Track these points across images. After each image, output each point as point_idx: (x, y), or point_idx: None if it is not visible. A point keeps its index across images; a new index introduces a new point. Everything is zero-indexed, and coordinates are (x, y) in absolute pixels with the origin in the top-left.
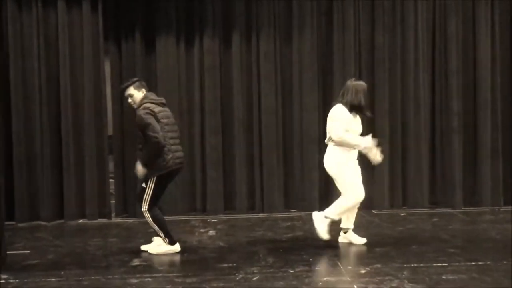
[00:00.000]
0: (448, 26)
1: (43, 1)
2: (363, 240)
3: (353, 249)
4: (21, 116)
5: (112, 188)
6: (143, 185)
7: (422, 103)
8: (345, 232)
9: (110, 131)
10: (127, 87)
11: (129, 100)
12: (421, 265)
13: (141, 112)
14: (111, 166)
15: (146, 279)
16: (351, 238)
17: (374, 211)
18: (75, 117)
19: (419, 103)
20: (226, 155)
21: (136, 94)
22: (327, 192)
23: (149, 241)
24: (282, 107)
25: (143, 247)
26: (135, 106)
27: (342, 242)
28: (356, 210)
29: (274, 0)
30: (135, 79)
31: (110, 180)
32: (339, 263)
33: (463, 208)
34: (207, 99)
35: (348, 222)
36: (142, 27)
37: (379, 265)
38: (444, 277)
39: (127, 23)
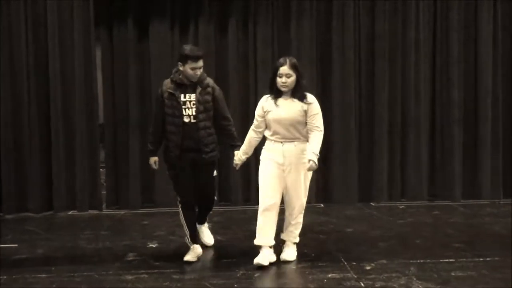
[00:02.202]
0: (450, 15)
1: None
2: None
3: (356, 244)
4: (9, 104)
5: (103, 178)
6: (214, 172)
7: (422, 94)
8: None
9: (101, 119)
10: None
11: (198, 72)
12: (428, 261)
13: (216, 87)
14: (102, 155)
15: (142, 275)
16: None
17: (372, 204)
18: (65, 104)
19: (419, 93)
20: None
21: None
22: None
23: (143, 234)
24: None
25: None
26: (195, 79)
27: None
28: (273, 218)
29: None
30: None
31: (101, 170)
32: (342, 259)
33: (462, 201)
34: None
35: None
36: (134, 12)
37: (384, 261)
38: (453, 274)
39: (119, 8)
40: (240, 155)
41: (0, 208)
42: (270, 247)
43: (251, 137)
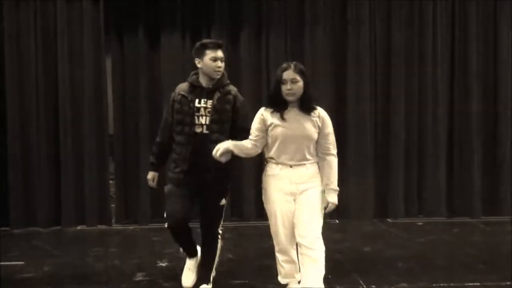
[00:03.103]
0: (468, 24)
1: None
2: None
3: (374, 264)
4: (17, 115)
5: (112, 191)
6: (222, 201)
7: (440, 105)
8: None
9: (110, 130)
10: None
11: (220, 64)
12: (452, 284)
13: (240, 97)
14: (111, 167)
15: None
16: None
17: (389, 220)
18: (74, 115)
19: (437, 106)
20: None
21: None
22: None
23: (153, 251)
24: None
25: None
26: (218, 75)
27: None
28: (293, 255)
29: None
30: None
31: (110, 182)
32: (361, 281)
33: (482, 217)
34: None
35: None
36: (145, 22)
37: (405, 284)
38: None
39: (130, 17)
40: (228, 147)
41: (8, 222)
42: (299, 282)
43: (247, 147)
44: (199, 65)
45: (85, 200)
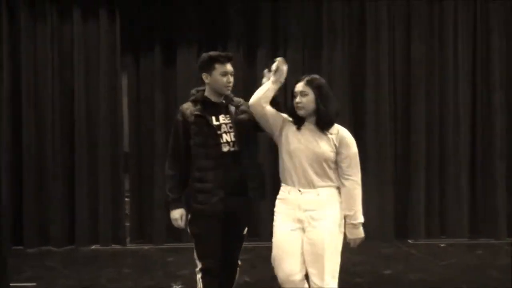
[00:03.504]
0: (490, 38)
1: (58, 11)
2: None
3: None
4: (32, 132)
5: (127, 209)
6: (245, 230)
7: (462, 122)
8: None
9: (125, 147)
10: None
11: (231, 78)
12: None
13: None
14: (126, 184)
15: None
16: None
17: (410, 241)
18: (90, 133)
19: (459, 122)
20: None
21: None
22: None
23: (167, 273)
24: None
25: None
26: (228, 91)
27: None
28: None
29: (303, 11)
30: None
31: (126, 199)
32: None
33: (507, 239)
34: None
35: None
36: (161, 39)
37: None
38: None
39: (146, 34)
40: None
41: (21, 241)
42: None
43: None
44: (206, 80)
45: (99, 219)
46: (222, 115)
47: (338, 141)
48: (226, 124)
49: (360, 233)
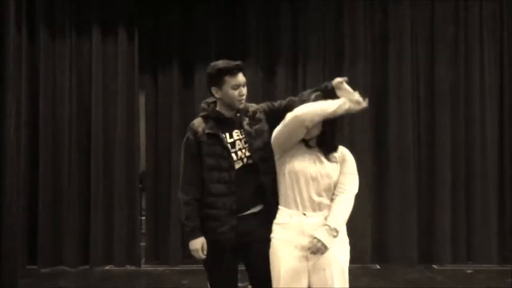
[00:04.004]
0: None
1: (77, 29)
2: None
3: None
4: (49, 151)
5: (143, 228)
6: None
7: (489, 142)
8: None
9: (142, 167)
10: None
11: (244, 91)
12: None
13: (262, 105)
14: (143, 203)
15: None
16: None
17: (435, 266)
18: (106, 152)
19: (486, 141)
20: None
21: None
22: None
23: None
24: None
25: None
26: (242, 104)
27: None
28: None
29: (324, 30)
30: None
31: (142, 218)
32: None
33: None
34: None
35: None
36: (180, 59)
37: None
38: None
39: (164, 53)
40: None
41: (35, 261)
42: None
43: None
44: (217, 95)
45: (114, 239)
46: (236, 130)
47: (341, 160)
48: (240, 139)
49: (325, 237)
